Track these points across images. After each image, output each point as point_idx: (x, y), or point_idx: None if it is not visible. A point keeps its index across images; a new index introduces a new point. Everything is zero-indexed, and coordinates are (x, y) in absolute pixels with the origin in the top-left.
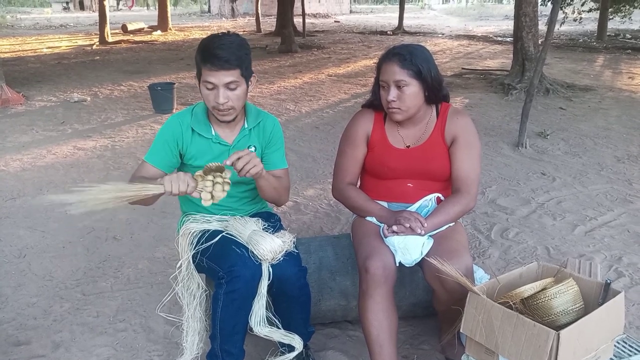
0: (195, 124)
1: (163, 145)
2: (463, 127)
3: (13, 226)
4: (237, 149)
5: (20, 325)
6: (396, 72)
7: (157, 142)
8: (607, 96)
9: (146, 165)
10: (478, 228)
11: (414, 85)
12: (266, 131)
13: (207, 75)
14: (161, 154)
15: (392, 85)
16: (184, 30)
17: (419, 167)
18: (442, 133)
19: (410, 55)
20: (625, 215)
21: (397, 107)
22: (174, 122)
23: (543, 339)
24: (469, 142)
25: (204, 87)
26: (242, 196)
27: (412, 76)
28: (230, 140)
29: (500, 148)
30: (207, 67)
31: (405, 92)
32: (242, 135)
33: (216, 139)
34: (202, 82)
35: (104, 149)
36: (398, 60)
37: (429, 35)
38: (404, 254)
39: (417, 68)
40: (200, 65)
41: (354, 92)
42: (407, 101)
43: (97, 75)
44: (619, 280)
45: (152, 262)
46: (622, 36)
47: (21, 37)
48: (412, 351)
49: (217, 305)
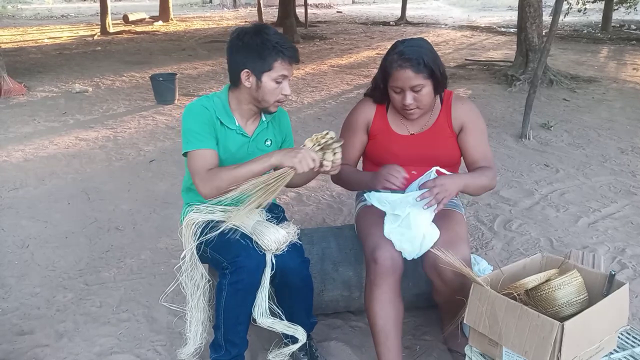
0: (220, 115)
1: (204, 127)
2: (469, 113)
3: (16, 216)
4: (256, 141)
5: (24, 315)
6: (411, 78)
7: (197, 127)
8: (611, 88)
9: (201, 152)
10: (481, 219)
11: (429, 85)
12: (282, 126)
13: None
14: (208, 136)
15: (407, 90)
16: (185, 21)
17: (423, 153)
18: (448, 120)
19: (421, 58)
20: (628, 206)
21: (415, 109)
22: (202, 109)
23: (547, 330)
24: (478, 126)
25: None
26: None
27: (426, 78)
28: (250, 132)
29: (504, 139)
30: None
31: (421, 94)
32: (261, 128)
33: (239, 130)
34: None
35: (106, 139)
36: (411, 66)
37: (432, 26)
38: (402, 247)
39: (430, 69)
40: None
41: (357, 83)
42: (424, 101)
43: (98, 66)
44: (622, 272)
45: (155, 253)
46: (627, 27)
47: (22, 28)
48: (414, 342)
49: (221, 295)
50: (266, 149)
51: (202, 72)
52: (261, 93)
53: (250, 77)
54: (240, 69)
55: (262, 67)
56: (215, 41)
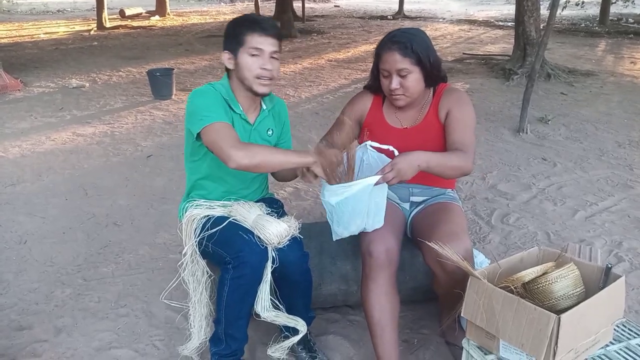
0: (226, 96)
1: (218, 103)
2: (455, 100)
3: (13, 212)
4: (257, 130)
5: (22, 311)
6: (398, 61)
7: (210, 103)
8: (608, 81)
9: (223, 124)
10: (478, 213)
11: (416, 72)
12: (281, 116)
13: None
14: (224, 112)
15: (394, 74)
16: (182, 16)
17: (414, 147)
18: (436, 112)
19: (410, 43)
20: (625, 200)
21: (400, 94)
22: (211, 89)
23: (544, 323)
24: (462, 113)
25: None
26: (251, 182)
27: (413, 64)
28: (252, 120)
29: (501, 133)
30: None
31: (408, 79)
32: (262, 117)
33: (243, 115)
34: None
35: (103, 135)
36: (398, 49)
37: (430, 20)
38: (339, 224)
39: (418, 55)
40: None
41: (354, 77)
42: (410, 88)
43: (95, 61)
44: (619, 265)
45: (153, 248)
46: (624, 20)
47: (18, 23)
48: (412, 335)
49: (223, 290)
50: (268, 138)
51: (199, 67)
52: (240, 71)
53: (231, 58)
54: (223, 53)
55: (237, 45)
56: (212, 36)
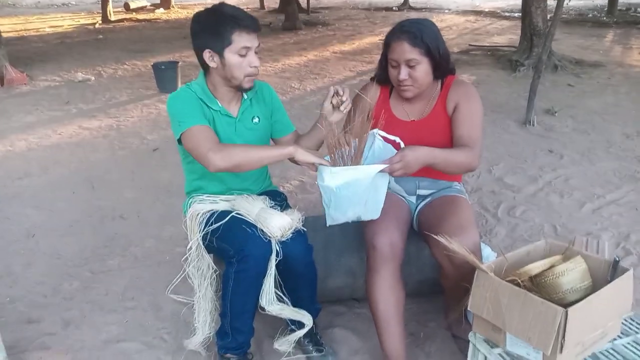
0: (201, 96)
1: (195, 107)
2: (463, 94)
3: (20, 205)
4: (242, 120)
5: (30, 303)
6: (406, 51)
7: (187, 108)
8: (616, 72)
9: (201, 127)
10: (485, 206)
11: (425, 63)
12: (265, 99)
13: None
14: (201, 115)
15: (402, 64)
16: (186, 8)
17: (421, 140)
18: (443, 104)
19: (420, 33)
20: (633, 192)
21: (409, 85)
22: (186, 92)
23: (551, 317)
24: (470, 106)
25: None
26: (255, 175)
27: (422, 54)
28: (234, 113)
29: (508, 125)
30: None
31: (416, 70)
32: (244, 107)
33: (223, 111)
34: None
35: (109, 128)
36: (408, 39)
37: (436, 11)
38: (337, 209)
39: (427, 46)
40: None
41: (359, 69)
42: (418, 79)
43: (100, 55)
44: (626, 258)
45: (159, 241)
46: (633, 10)
47: (23, 16)
48: (418, 328)
49: (228, 284)
50: (254, 126)
51: None
52: (228, 70)
53: (214, 57)
54: (202, 51)
55: (222, 44)
56: None
